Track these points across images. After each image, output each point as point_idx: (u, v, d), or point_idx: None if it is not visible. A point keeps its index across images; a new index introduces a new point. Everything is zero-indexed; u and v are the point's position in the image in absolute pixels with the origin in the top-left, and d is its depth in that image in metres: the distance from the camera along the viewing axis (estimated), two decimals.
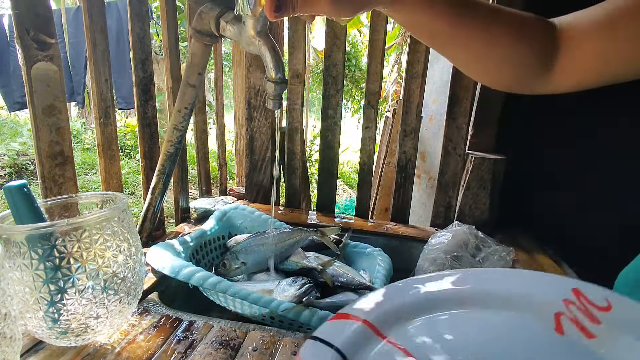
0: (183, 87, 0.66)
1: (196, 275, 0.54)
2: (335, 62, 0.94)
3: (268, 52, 0.48)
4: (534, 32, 0.43)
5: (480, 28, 0.42)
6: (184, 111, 0.67)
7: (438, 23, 0.41)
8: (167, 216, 2.63)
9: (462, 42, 0.44)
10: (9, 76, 3.50)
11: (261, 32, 0.48)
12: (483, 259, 0.72)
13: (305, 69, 1.00)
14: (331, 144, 0.99)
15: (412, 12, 0.40)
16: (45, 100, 0.56)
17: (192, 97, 0.66)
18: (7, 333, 0.33)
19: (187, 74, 0.65)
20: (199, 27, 0.58)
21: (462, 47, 0.45)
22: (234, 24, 0.53)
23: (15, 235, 0.37)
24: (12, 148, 3.87)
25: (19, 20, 0.51)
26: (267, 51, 0.48)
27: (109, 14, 3.14)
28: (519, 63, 0.44)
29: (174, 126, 0.68)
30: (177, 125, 0.68)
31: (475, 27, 0.42)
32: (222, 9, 0.55)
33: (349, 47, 6.16)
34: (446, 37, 0.44)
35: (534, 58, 0.43)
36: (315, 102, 9.06)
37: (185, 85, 0.65)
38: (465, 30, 0.42)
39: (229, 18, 0.54)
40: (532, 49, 0.43)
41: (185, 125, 0.68)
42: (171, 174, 0.71)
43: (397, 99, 2.41)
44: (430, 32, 0.44)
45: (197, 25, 0.58)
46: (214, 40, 0.60)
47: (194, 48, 0.63)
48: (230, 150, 3.70)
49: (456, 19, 0.41)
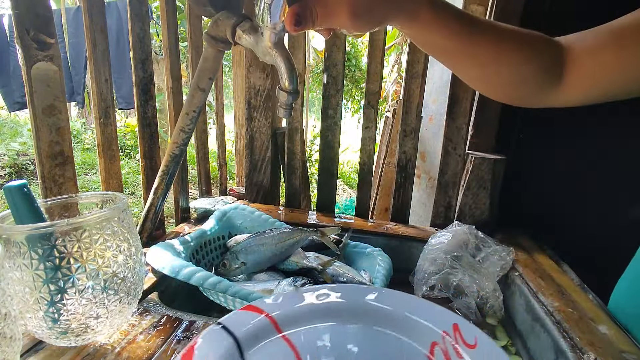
0: (192, 90, 0.66)
1: (196, 275, 0.54)
2: (335, 62, 0.94)
3: (283, 63, 0.48)
4: (542, 50, 0.44)
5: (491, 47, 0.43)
6: (192, 114, 0.67)
7: (451, 42, 0.43)
8: (167, 216, 2.63)
9: (473, 60, 0.45)
10: (9, 76, 3.51)
11: (278, 44, 0.48)
12: (483, 259, 0.72)
13: (305, 69, 1.00)
14: (331, 144, 0.99)
15: (426, 30, 0.42)
16: (45, 100, 0.56)
17: (200, 101, 0.67)
18: (7, 333, 0.33)
19: (197, 78, 0.65)
20: (214, 33, 0.58)
21: (473, 65, 0.46)
22: (251, 33, 0.54)
23: (15, 235, 0.37)
24: (12, 148, 3.87)
25: (19, 20, 0.51)
26: (282, 62, 0.48)
27: (109, 14, 3.14)
28: (528, 80, 0.46)
29: (181, 128, 0.68)
30: (184, 128, 0.68)
31: (487, 46, 0.43)
32: (239, 18, 0.55)
33: (349, 47, 6.16)
34: (458, 55, 0.45)
35: (542, 75, 0.45)
36: (315, 102, 9.07)
37: (195, 88, 0.65)
38: (477, 49, 0.44)
39: (245, 27, 0.54)
40: (540, 66, 0.44)
41: (192, 128, 0.68)
42: (174, 175, 0.71)
43: (397, 99, 2.42)
44: (442, 50, 0.45)
45: (212, 31, 0.58)
46: (228, 47, 0.61)
47: (207, 53, 0.63)
48: (230, 150, 3.70)
49: (468, 38, 0.43)
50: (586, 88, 0.44)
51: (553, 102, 0.47)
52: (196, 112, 0.67)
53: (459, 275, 0.67)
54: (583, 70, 0.43)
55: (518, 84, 0.47)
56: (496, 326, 0.63)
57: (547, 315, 0.55)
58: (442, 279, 0.67)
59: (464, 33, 0.42)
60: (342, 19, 0.39)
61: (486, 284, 0.66)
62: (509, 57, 0.44)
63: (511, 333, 0.63)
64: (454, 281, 0.67)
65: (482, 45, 0.43)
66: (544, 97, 0.47)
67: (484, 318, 0.65)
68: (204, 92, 0.66)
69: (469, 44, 0.43)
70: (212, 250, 0.75)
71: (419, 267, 0.72)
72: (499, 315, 0.65)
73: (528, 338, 0.59)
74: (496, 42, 0.43)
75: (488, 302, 0.65)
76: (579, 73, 0.43)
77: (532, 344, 0.58)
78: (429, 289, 0.68)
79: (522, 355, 0.58)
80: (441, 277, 0.67)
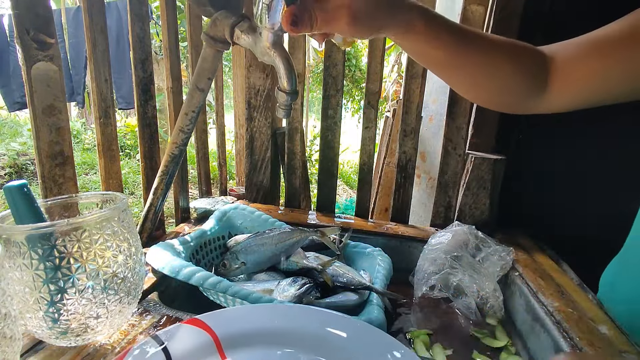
0: (192, 90, 0.66)
1: (196, 275, 0.54)
2: (335, 62, 0.94)
3: (282, 63, 0.48)
4: (529, 60, 0.47)
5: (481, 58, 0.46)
6: (191, 114, 0.67)
7: (443, 53, 0.45)
8: (167, 216, 2.63)
9: (464, 70, 0.47)
10: (9, 76, 3.51)
11: (276, 44, 0.48)
12: (483, 259, 0.72)
13: (305, 69, 1.00)
14: (331, 144, 0.99)
15: (419, 41, 0.44)
16: (45, 100, 0.56)
17: (199, 101, 0.67)
18: (7, 333, 0.33)
19: (196, 78, 0.65)
20: (213, 33, 0.58)
21: (465, 75, 0.49)
22: (249, 33, 0.54)
23: (15, 235, 0.37)
24: (12, 148, 3.88)
25: (19, 20, 0.51)
26: (281, 62, 0.48)
27: (109, 14, 3.14)
28: (516, 88, 0.48)
29: (180, 128, 0.68)
30: (183, 128, 0.68)
31: (477, 58, 0.46)
32: (238, 18, 0.55)
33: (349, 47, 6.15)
34: (450, 66, 0.47)
35: (529, 83, 0.47)
36: (315, 102, 9.06)
37: (194, 89, 0.65)
38: (468, 60, 0.46)
39: (244, 27, 0.54)
40: (527, 75, 0.47)
41: (191, 128, 0.68)
42: (174, 175, 0.71)
43: (397, 99, 2.41)
44: (435, 61, 0.47)
45: (211, 31, 0.58)
46: (227, 47, 0.60)
47: (205, 53, 0.62)
48: (230, 150, 3.70)
49: (459, 50, 0.45)
50: (569, 95, 0.47)
51: (539, 109, 0.50)
52: (195, 112, 0.67)
53: (459, 275, 0.67)
54: (566, 79, 0.45)
55: (506, 93, 0.49)
56: (496, 326, 0.63)
57: (547, 315, 0.55)
58: (442, 279, 0.67)
59: (455, 45, 0.44)
60: (342, 23, 0.39)
61: (486, 284, 0.66)
62: (498, 68, 0.46)
63: (511, 333, 0.63)
64: (454, 281, 0.67)
65: (472, 56, 0.45)
66: (531, 104, 0.50)
67: (484, 318, 0.65)
68: (203, 92, 0.66)
69: (460, 55, 0.45)
70: (212, 250, 0.75)
71: (419, 267, 0.72)
72: (499, 315, 0.65)
73: (528, 338, 0.59)
74: (485, 53, 0.45)
75: (488, 302, 0.65)
76: (562, 81, 0.46)
77: (532, 344, 0.58)
78: (429, 289, 0.68)
79: (522, 355, 0.58)
80: (441, 277, 0.67)
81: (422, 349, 0.55)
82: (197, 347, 0.39)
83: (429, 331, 0.60)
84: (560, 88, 0.46)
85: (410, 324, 0.64)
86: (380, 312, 0.54)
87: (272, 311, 0.45)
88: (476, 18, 0.85)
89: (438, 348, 0.56)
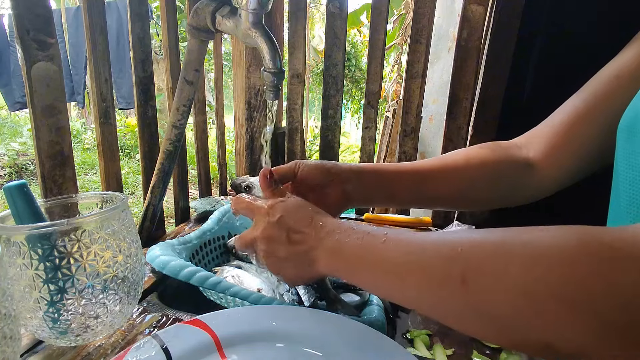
0: (180, 84, 0.66)
1: (196, 275, 0.54)
2: (335, 62, 0.94)
3: (264, 43, 0.48)
4: (504, 165, 0.50)
5: (455, 191, 0.51)
6: (182, 109, 0.67)
7: (410, 205, 0.55)
8: (167, 216, 2.63)
9: (444, 206, 0.61)
10: (9, 76, 3.51)
11: (257, 24, 0.48)
12: None
13: (305, 69, 1.00)
14: (331, 144, 0.99)
15: (383, 205, 0.51)
16: (45, 100, 0.56)
17: (190, 95, 0.66)
18: (7, 333, 0.33)
19: (184, 71, 0.65)
20: (195, 23, 0.59)
21: (448, 207, 0.58)
22: (230, 17, 0.54)
23: (15, 235, 0.37)
24: (12, 148, 3.88)
25: (19, 20, 0.51)
26: (263, 42, 0.48)
27: (109, 14, 3.14)
28: (502, 193, 0.52)
29: (173, 124, 0.68)
30: (176, 123, 0.68)
31: (452, 191, 0.51)
32: (218, 4, 0.55)
33: (349, 47, 6.16)
34: (429, 206, 0.56)
35: (514, 180, 0.50)
36: (315, 102, 9.06)
37: (182, 82, 0.65)
38: (439, 199, 0.53)
39: (224, 12, 0.54)
40: (508, 178, 0.50)
41: (183, 123, 0.68)
42: (171, 173, 0.71)
43: (397, 99, 2.41)
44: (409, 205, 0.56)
45: (193, 21, 0.59)
46: (210, 36, 0.60)
47: (191, 45, 0.63)
48: (230, 150, 3.70)
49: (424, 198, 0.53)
50: (553, 179, 0.50)
51: (531, 197, 0.53)
52: (186, 106, 0.67)
53: None
54: (546, 170, 0.49)
55: (494, 199, 0.53)
56: None
57: None
58: None
59: (417, 201, 0.53)
60: (332, 197, 0.49)
61: None
62: (476, 190, 0.51)
63: None
64: None
65: (446, 194, 0.52)
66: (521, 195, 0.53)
67: None
68: (192, 85, 0.66)
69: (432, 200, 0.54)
70: (212, 250, 0.75)
71: None
72: None
73: None
74: (458, 184, 0.51)
75: None
76: (543, 173, 0.49)
77: None
78: None
79: (522, 356, 0.58)
80: None
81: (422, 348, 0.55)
82: (197, 347, 0.39)
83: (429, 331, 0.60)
84: (541, 174, 0.49)
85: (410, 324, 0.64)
86: (380, 312, 0.54)
87: (272, 311, 0.45)
88: (476, 18, 0.85)
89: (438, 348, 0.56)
